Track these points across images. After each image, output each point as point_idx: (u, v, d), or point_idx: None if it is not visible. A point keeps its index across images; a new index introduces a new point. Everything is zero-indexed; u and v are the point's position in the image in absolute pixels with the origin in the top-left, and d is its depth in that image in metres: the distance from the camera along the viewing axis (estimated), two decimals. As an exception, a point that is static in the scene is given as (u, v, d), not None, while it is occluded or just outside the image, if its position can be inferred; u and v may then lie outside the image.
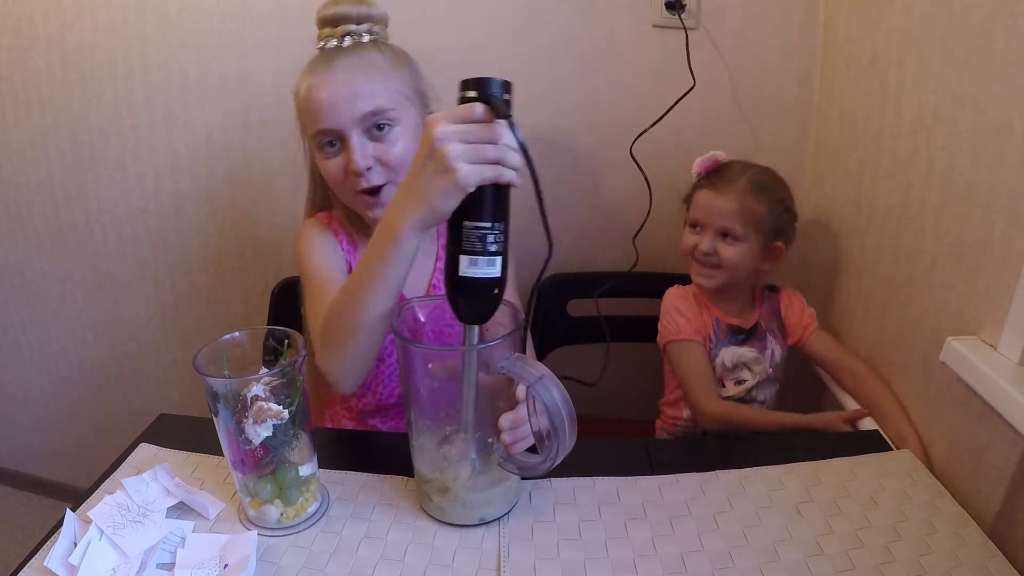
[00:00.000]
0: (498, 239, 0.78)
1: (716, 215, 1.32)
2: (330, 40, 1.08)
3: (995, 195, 0.95)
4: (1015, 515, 0.89)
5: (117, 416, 2.07)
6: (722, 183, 1.33)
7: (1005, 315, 0.92)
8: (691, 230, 1.38)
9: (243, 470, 0.84)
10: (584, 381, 1.24)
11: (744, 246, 1.32)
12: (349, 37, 1.08)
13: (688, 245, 1.38)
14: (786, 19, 1.51)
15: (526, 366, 0.79)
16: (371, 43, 1.09)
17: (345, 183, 1.10)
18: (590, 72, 1.57)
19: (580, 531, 0.88)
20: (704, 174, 1.37)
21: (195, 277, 1.84)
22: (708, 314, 1.41)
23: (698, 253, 1.35)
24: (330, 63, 1.06)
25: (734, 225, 1.31)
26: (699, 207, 1.36)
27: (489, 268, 0.78)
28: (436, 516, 0.89)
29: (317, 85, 1.05)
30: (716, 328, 1.40)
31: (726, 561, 0.83)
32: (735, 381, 1.38)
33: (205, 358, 0.82)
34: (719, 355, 1.39)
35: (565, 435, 0.77)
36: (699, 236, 1.36)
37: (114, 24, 1.61)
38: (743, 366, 1.38)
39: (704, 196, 1.35)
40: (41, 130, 1.75)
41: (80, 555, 0.78)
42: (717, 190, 1.32)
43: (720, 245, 1.33)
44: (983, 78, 0.98)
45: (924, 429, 1.11)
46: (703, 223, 1.35)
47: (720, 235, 1.33)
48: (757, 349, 1.39)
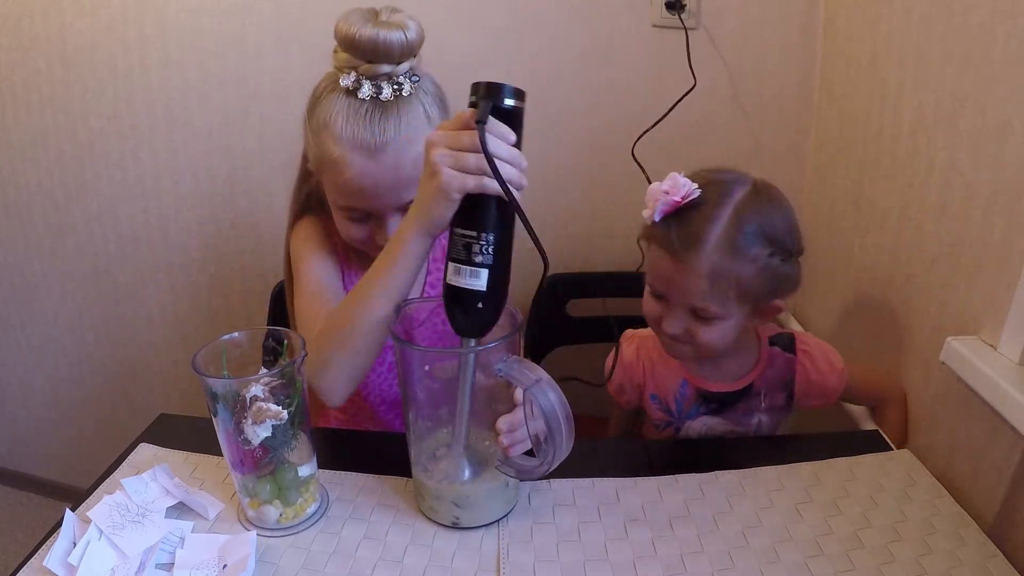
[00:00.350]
0: (484, 250, 0.75)
1: (680, 292, 0.98)
2: (362, 83, 0.93)
3: (995, 195, 0.95)
4: (1015, 515, 0.89)
5: (117, 416, 2.07)
6: (683, 246, 0.94)
7: (1005, 315, 0.92)
8: (651, 295, 1.04)
9: (242, 470, 0.84)
10: (592, 382, 1.10)
11: (725, 323, 0.99)
12: (388, 86, 0.93)
13: (651, 315, 1.05)
14: (786, 19, 1.51)
15: (524, 369, 0.78)
16: (412, 96, 0.95)
17: (365, 243, 1.05)
18: (590, 72, 1.57)
19: (580, 532, 0.87)
20: (659, 220, 0.97)
21: (195, 277, 1.85)
22: (674, 374, 1.14)
23: (662, 332, 1.04)
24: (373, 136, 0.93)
25: (707, 304, 0.96)
26: (659, 274, 1.01)
27: (472, 279, 0.76)
28: (432, 518, 0.89)
29: (358, 171, 0.94)
30: (680, 395, 1.13)
31: (726, 562, 0.83)
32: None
33: (204, 358, 0.81)
34: (684, 428, 1.14)
35: (562, 439, 0.77)
36: (663, 308, 1.02)
37: (114, 24, 1.61)
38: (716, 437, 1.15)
39: (661, 260, 0.98)
40: (41, 130, 1.75)
41: (79, 555, 0.77)
42: (676, 257, 0.95)
43: (692, 324, 1.00)
44: (983, 78, 0.98)
45: (924, 429, 1.11)
46: (667, 296, 1.01)
47: (690, 312, 1.00)
48: (732, 421, 1.13)
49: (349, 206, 1.01)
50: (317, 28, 1.54)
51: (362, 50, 0.92)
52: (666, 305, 1.01)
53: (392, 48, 0.91)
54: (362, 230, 1.03)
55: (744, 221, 0.94)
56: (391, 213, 1.00)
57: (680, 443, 1.18)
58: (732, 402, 1.12)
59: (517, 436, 0.84)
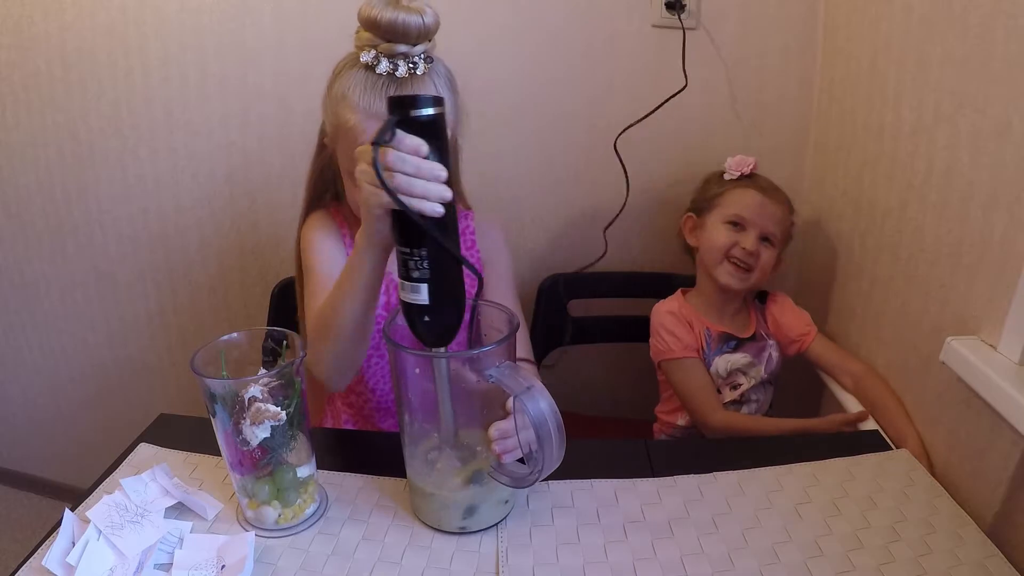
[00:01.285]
0: (419, 266, 0.76)
1: (765, 217, 1.33)
2: (380, 60, 0.97)
3: (995, 195, 0.95)
4: (1014, 515, 0.89)
5: (117, 416, 2.07)
6: (770, 188, 1.34)
7: (1005, 315, 0.92)
8: (729, 227, 1.35)
9: (241, 471, 0.84)
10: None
11: (775, 252, 1.34)
12: (404, 64, 0.98)
13: (725, 242, 1.35)
14: (786, 19, 1.51)
15: (516, 376, 0.78)
16: (426, 75, 1.00)
17: None
18: (590, 72, 1.57)
19: (579, 535, 0.87)
20: (745, 174, 1.37)
21: (195, 277, 1.85)
22: (699, 325, 1.40)
23: (738, 251, 1.33)
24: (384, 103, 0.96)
25: (777, 230, 1.33)
26: (745, 206, 1.34)
27: (414, 294, 0.77)
28: (425, 520, 0.89)
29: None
30: (707, 338, 1.39)
31: (726, 564, 0.83)
32: (730, 386, 1.38)
33: (203, 359, 0.81)
34: (712, 364, 1.38)
35: (552, 448, 0.77)
36: (740, 235, 1.34)
37: (114, 24, 1.61)
38: (737, 372, 1.38)
39: (750, 196, 1.34)
40: (41, 130, 1.75)
41: (78, 555, 0.77)
42: (767, 194, 1.33)
43: (761, 248, 1.33)
44: (983, 78, 0.97)
45: (924, 429, 1.11)
46: (749, 222, 1.33)
47: (761, 238, 1.33)
48: (752, 354, 1.39)
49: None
50: (317, 28, 1.55)
51: (382, 30, 0.96)
52: (742, 232, 1.34)
53: (409, 29, 0.96)
54: None
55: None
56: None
57: (678, 444, 1.18)
58: (743, 343, 1.40)
59: (509, 444, 0.84)
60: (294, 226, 1.23)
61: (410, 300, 0.78)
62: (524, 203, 1.66)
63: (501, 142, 1.62)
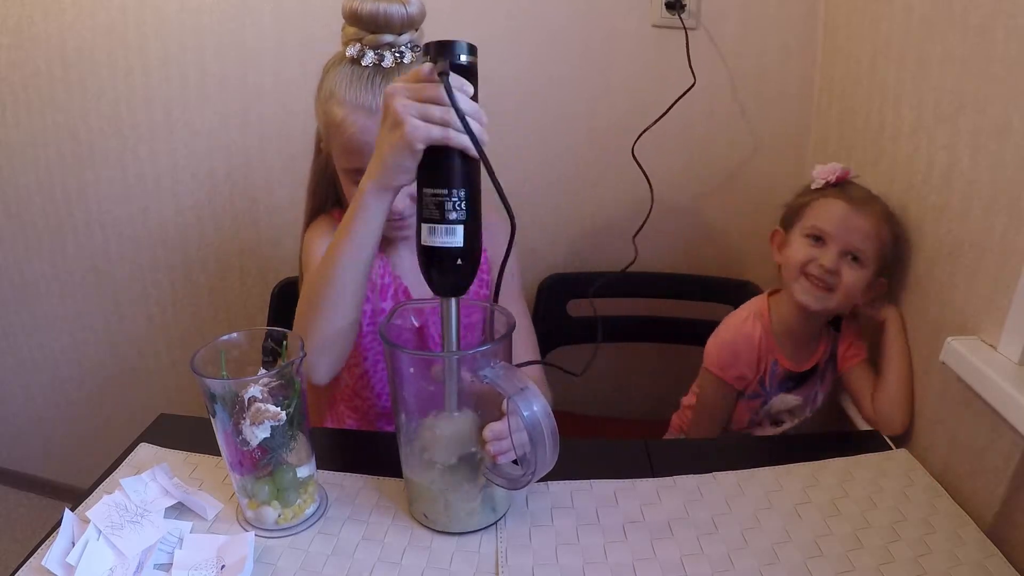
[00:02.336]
0: (457, 207, 0.75)
1: (850, 231, 1.16)
2: (365, 52, 0.98)
3: (995, 195, 0.95)
4: (1014, 515, 0.89)
5: (117, 416, 2.07)
6: (860, 199, 1.18)
7: (1005, 315, 0.91)
8: (809, 241, 1.21)
9: (241, 471, 0.84)
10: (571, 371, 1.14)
11: (864, 273, 1.17)
12: (390, 54, 0.98)
13: (802, 258, 1.20)
14: (787, 19, 1.51)
15: (510, 377, 0.78)
16: (413, 64, 1.00)
17: None
18: (590, 72, 1.57)
19: (578, 535, 0.87)
20: (831, 183, 1.22)
21: (195, 277, 1.85)
22: (768, 356, 1.28)
23: (815, 268, 1.18)
24: (374, 98, 0.98)
25: (866, 246, 1.16)
26: (829, 218, 1.19)
27: (449, 237, 0.76)
28: (420, 521, 0.89)
29: (360, 128, 0.99)
30: (772, 373, 1.29)
31: (726, 564, 0.83)
32: (772, 421, 1.34)
33: (203, 359, 0.81)
34: (770, 403, 1.30)
35: (544, 451, 0.76)
36: (820, 249, 1.19)
37: (114, 24, 1.61)
38: (786, 412, 1.32)
39: (836, 207, 1.18)
40: (41, 130, 1.75)
41: (78, 555, 0.77)
42: (855, 205, 1.17)
43: (844, 265, 1.17)
44: (983, 78, 0.97)
45: (924, 429, 1.11)
46: (830, 236, 1.18)
47: (844, 254, 1.17)
48: (804, 396, 1.31)
49: (354, 167, 1.03)
50: (316, 28, 1.55)
51: (365, 22, 0.97)
52: (823, 246, 1.19)
53: (392, 19, 0.96)
54: None
55: (888, 205, 1.20)
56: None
57: (679, 444, 1.18)
58: (804, 380, 1.30)
59: (503, 445, 0.84)
60: (294, 226, 1.23)
61: (443, 244, 0.76)
62: (524, 202, 1.66)
63: (498, 141, 1.60)
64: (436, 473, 0.86)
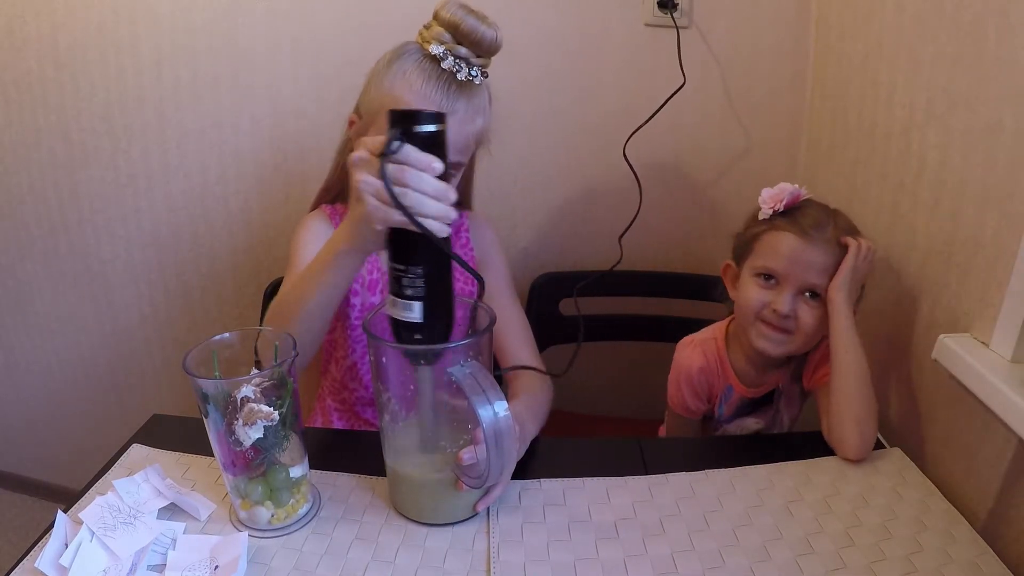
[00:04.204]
0: (414, 284, 0.75)
1: (803, 268, 1.06)
2: (448, 56, 1.01)
3: (987, 193, 0.95)
4: (1007, 512, 0.90)
5: (110, 417, 2.06)
6: (811, 226, 1.06)
7: (997, 312, 0.92)
8: (760, 282, 1.11)
9: (234, 472, 0.84)
10: (554, 372, 1.10)
11: (823, 310, 1.07)
12: (467, 68, 1.02)
13: (756, 302, 1.10)
14: (779, 17, 1.51)
15: (475, 379, 0.77)
16: (483, 87, 1.06)
17: None
18: (582, 71, 1.57)
19: (570, 532, 0.88)
20: (780, 211, 1.10)
21: (187, 277, 1.84)
22: (721, 381, 1.22)
23: (770, 314, 1.09)
24: (446, 100, 1.01)
25: (823, 280, 1.06)
26: (778, 256, 1.08)
27: (406, 312, 0.76)
28: (403, 512, 0.89)
29: None
30: (724, 398, 1.23)
31: (717, 561, 0.83)
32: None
33: (195, 359, 0.81)
34: (723, 428, 1.26)
35: (495, 457, 0.77)
36: (773, 291, 1.09)
37: (106, 24, 1.60)
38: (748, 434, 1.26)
39: (785, 242, 1.07)
40: (33, 130, 1.74)
41: (71, 556, 0.77)
42: (806, 237, 1.06)
43: (800, 306, 1.08)
44: (975, 76, 0.98)
45: (916, 427, 1.11)
46: (782, 276, 1.08)
47: (801, 293, 1.08)
48: (766, 420, 1.25)
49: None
50: (309, 28, 1.54)
51: (459, 33, 1.01)
52: (776, 288, 1.09)
53: (484, 41, 1.02)
54: None
55: (846, 222, 1.11)
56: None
57: (671, 442, 1.18)
58: (762, 404, 1.24)
59: (472, 472, 0.85)
60: (287, 226, 1.23)
61: (402, 318, 0.77)
62: (515, 201, 1.66)
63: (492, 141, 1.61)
64: (413, 464, 0.87)
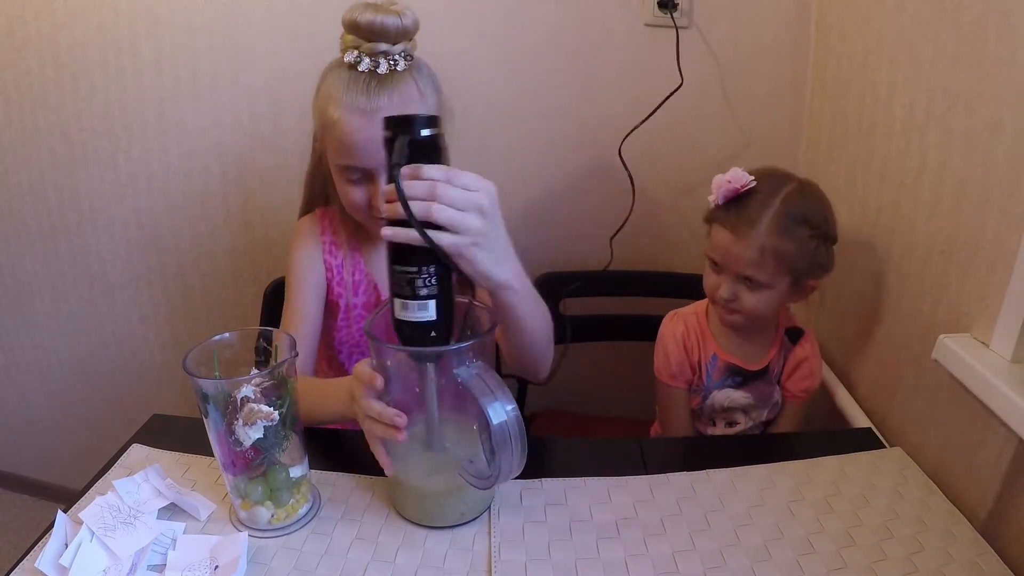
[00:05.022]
0: (428, 283, 0.75)
1: (734, 261, 1.15)
2: (362, 58, 1.02)
3: (987, 193, 0.95)
4: (1007, 512, 0.89)
5: (110, 417, 2.06)
6: (741, 223, 1.13)
7: (997, 312, 0.92)
8: (711, 266, 1.21)
9: (234, 472, 0.84)
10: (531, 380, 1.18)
11: (769, 292, 1.15)
12: (385, 61, 1.02)
13: (708, 285, 1.22)
14: (779, 17, 1.51)
15: (482, 379, 0.78)
16: (407, 72, 1.04)
17: (364, 210, 1.11)
18: (582, 71, 1.57)
19: (571, 531, 0.88)
20: (722, 203, 1.17)
21: (187, 278, 1.84)
22: (706, 350, 1.28)
23: (717, 297, 1.19)
24: (369, 101, 1.01)
25: (756, 273, 1.13)
26: (716, 246, 1.18)
27: (421, 312, 0.76)
28: (405, 516, 0.89)
29: (354, 128, 1.02)
30: (710, 367, 1.28)
31: (718, 560, 0.83)
32: (726, 422, 1.32)
33: (195, 359, 0.81)
34: (710, 397, 1.29)
35: (509, 456, 0.77)
36: (719, 277, 1.19)
37: (106, 24, 1.60)
38: (737, 410, 1.30)
39: (721, 235, 1.16)
40: (33, 130, 1.74)
41: (71, 556, 0.77)
42: (735, 232, 1.13)
43: (741, 291, 1.16)
44: (975, 76, 0.98)
45: (916, 427, 1.11)
46: (722, 265, 1.18)
47: (739, 280, 1.16)
48: (755, 395, 1.28)
49: (346, 164, 1.07)
50: (309, 27, 1.55)
51: (363, 31, 1.02)
52: (721, 274, 1.18)
53: (388, 29, 1.02)
54: (360, 192, 1.09)
55: (791, 207, 1.12)
56: (383, 172, 1.04)
57: (672, 442, 1.18)
58: (753, 379, 1.27)
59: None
60: (287, 227, 1.24)
61: (416, 319, 0.77)
62: (514, 201, 1.66)
63: (490, 140, 1.62)
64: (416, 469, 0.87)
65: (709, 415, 1.32)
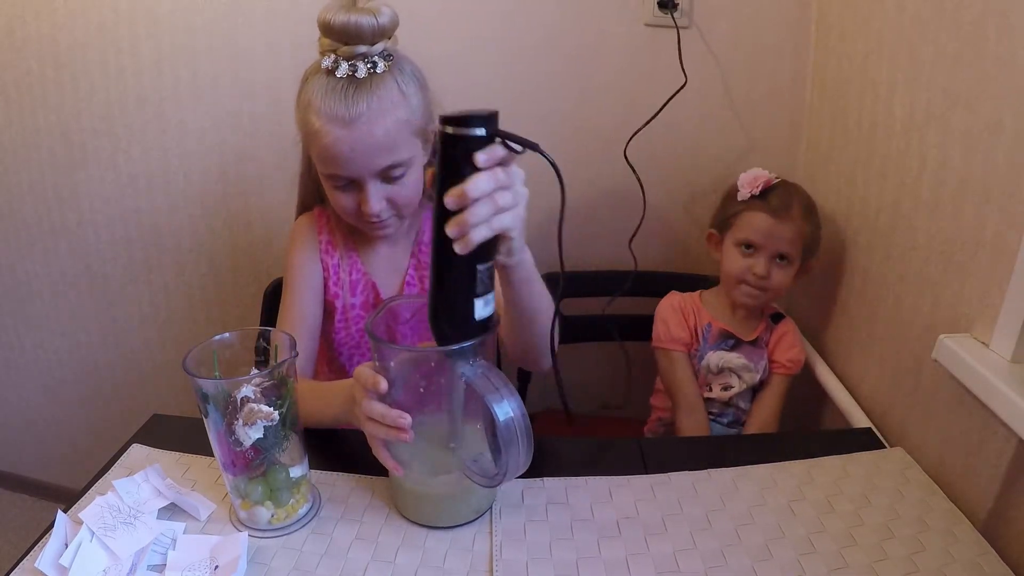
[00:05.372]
0: (485, 279, 0.77)
1: (776, 240, 1.31)
2: (340, 63, 0.99)
3: (987, 193, 0.95)
4: (1008, 512, 0.89)
5: (110, 417, 2.06)
6: (781, 208, 1.31)
7: (997, 312, 0.92)
8: (741, 250, 1.35)
9: (234, 472, 0.84)
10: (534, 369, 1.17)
11: (792, 268, 1.33)
12: (363, 64, 0.99)
13: (740, 268, 1.35)
14: (779, 17, 1.51)
15: (488, 378, 0.78)
16: (387, 73, 1.01)
17: (354, 215, 1.10)
18: (582, 72, 1.57)
19: (573, 530, 0.88)
20: (757, 194, 1.34)
21: (188, 277, 1.84)
22: (701, 319, 1.42)
23: (750, 277, 1.33)
24: (348, 109, 0.98)
25: (790, 248, 1.31)
26: (755, 230, 1.33)
27: (487, 308, 0.78)
28: (407, 516, 0.89)
29: (335, 139, 0.99)
30: (705, 333, 1.41)
31: (719, 560, 0.83)
32: (721, 386, 1.41)
33: (195, 359, 0.81)
34: (704, 357, 1.40)
35: (516, 453, 0.77)
36: (753, 258, 1.33)
37: (106, 24, 1.60)
38: (730, 371, 1.40)
39: (760, 219, 1.32)
40: (33, 130, 1.74)
41: (71, 556, 0.77)
42: (777, 215, 1.31)
43: (774, 268, 1.32)
44: (975, 76, 0.98)
45: (917, 427, 1.11)
46: (759, 246, 1.32)
47: (773, 258, 1.32)
48: (748, 357, 1.40)
49: (331, 173, 1.06)
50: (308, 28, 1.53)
51: (337, 33, 0.99)
52: (754, 255, 1.34)
53: (363, 30, 0.98)
54: (349, 199, 1.08)
55: (805, 198, 1.35)
56: (369, 179, 1.04)
57: (673, 441, 1.18)
58: (743, 344, 1.41)
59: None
60: (287, 226, 1.24)
61: (484, 315, 0.77)
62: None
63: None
64: (418, 469, 0.87)
65: (705, 378, 1.41)
